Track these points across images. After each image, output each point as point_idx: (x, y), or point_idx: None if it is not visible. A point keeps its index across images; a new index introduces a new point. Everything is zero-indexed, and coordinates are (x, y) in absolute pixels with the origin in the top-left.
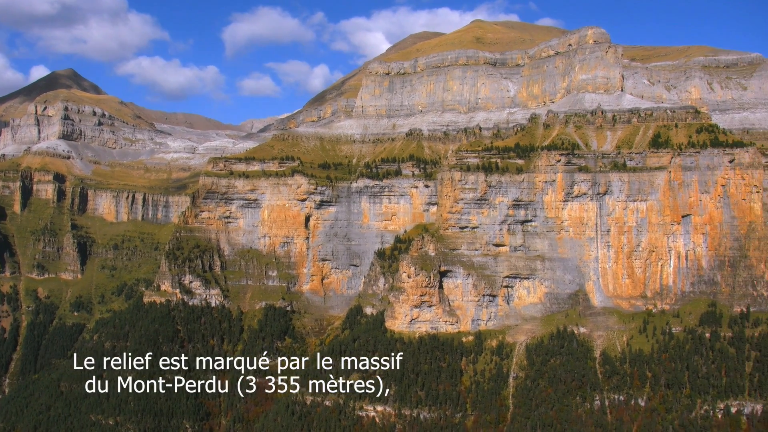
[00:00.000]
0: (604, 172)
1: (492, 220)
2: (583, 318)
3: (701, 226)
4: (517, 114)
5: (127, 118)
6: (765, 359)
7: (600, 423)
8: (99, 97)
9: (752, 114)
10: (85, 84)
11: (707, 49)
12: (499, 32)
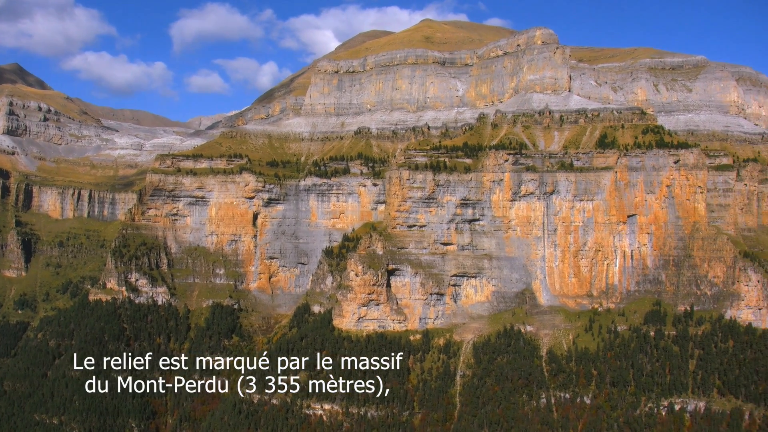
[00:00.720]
0: (551, 172)
1: (440, 219)
2: (530, 316)
3: (646, 226)
4: (465, 113)
5: (74, 114)
6: (708, 357)
7: (546, 421)
8: (45, 93)
9: (697, 116)
10: (31, 79)
11: (653, 52)
12: (448, 32)
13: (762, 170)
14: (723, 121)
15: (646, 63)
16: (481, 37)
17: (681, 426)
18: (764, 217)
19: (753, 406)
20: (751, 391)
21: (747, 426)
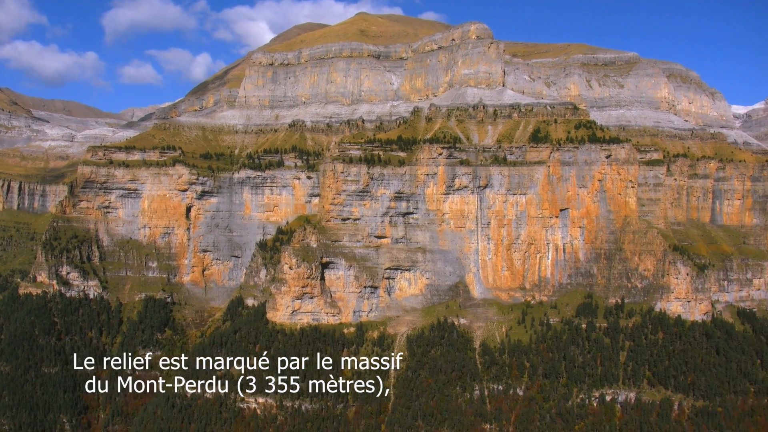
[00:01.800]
0: (484, 166)
1: (374, 212)
2: (463, 309)
3: (579, 220)
4: (400, 107)
5: (3, 104)
6: (638, 349)
7: (479, 412)
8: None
9: (628, 111)
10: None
11: (586, 48)
12: (383, 25)
13: (691, 165)
14: (654, 117)
15: (579, 59)
16: (416, 31)
17: (612, 416)
18: (693, 211)
19: (682, 397)
20: (680, 382)
21: (676, 416)
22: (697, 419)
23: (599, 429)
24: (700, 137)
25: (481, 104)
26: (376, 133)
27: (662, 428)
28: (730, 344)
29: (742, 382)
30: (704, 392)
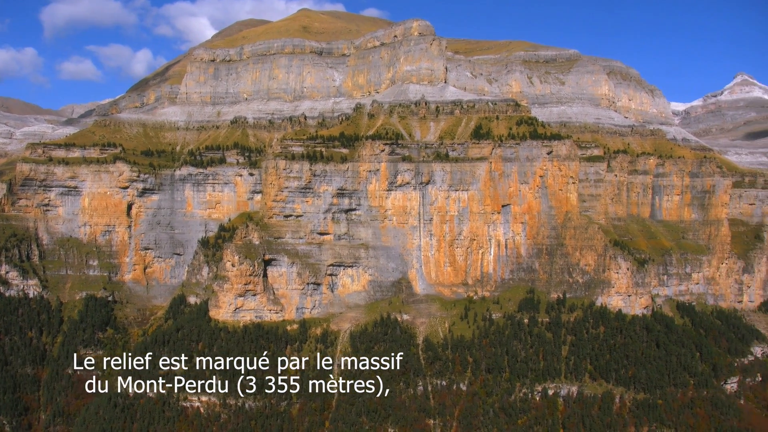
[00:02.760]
0: (427, 162)
1: (316, 209)
2: (406, 305)
3: (520, 216)
4: (342, 103)
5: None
6: (580, 343)
7: (423, 408)
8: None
9: (569, 108)
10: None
11: (528, 45)
12: (325, 22)
13: (631, 161)
14: (594, 114)
15: (520, 56)
16: (358, 28)
17: (554, 410)
18: (633, 206)
19: (623, 390)
20: (621, 376)
21: (617, 409)
22: (638, 412)
23: (542, 423)
24: (640, 134)
25: (424, 101)
26: (319, 129)
27: (604, 421)
28: (669, 338)
29: (681, 374)
30: (645, 385)
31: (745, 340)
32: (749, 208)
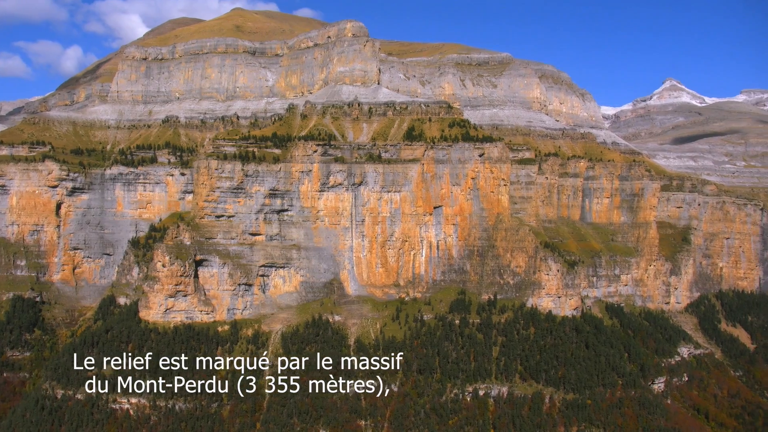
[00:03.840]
0: (359, 163)
1: (248, 209)
2: (338, 306)
3: (452, 217)
4: (275, 104)
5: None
6: (510, 344)
7: (354, 409)
8: None
9: (501, 111)
10: None
11: (461, 48)
12: (259, 21)
13: (562, 164)
14: (526, 117)
15: (453, 58)
16: (292, 28)
17: (485, 411)
18: (564, 209)
19: (553, 390)
20: (551, 376)
21: (547, 409)
22: (568, 412)
23: (473, 423)
24: (571, 137)
25: (357, 102)
26: (251, 129)
27: (534, 421)
28: (598, 338)
29: (610, 375)
30: (574, 385)
31: (672, 341)
32: (677, 211)
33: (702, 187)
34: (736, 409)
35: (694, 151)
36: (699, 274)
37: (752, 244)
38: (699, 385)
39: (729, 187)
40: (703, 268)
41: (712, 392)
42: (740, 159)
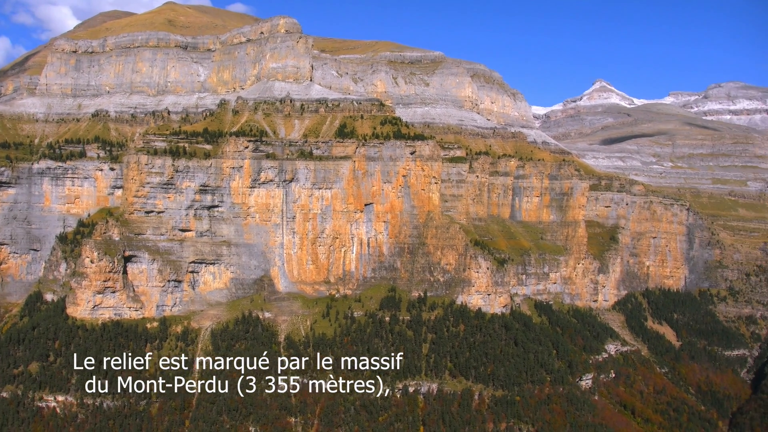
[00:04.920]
0: (291, 160)
1: (178, 205)
2: (268, 303)
3: (383, 215)
4: (206, 99)
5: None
6: (440, 341)
7: (284, 406)
8: None
9: (433, 109)
10: None
11: (393, 46)
12: (191, 16)
13: (492, 163)
14: (458, 115)
15: (386, 56)
16: (224, 23)
17: (415, 407)
18: (494, 207)
19: (482, 387)
20: (480, 373)
21: (476, 405)
22: (497, 408)
23: (402, 420)
24: (502, 136)
25: (289, 98)
26: (182, 125)
27: (463, 418)
28: (527, 335)
29: (539, 371)
30: (503, 382)
31: (600, 338)
32: (605, 211)
33: (630, 187)
34: (662, 405)
35: (622, 152)
36: (626, 273)
37: (678, 244)
38: (626, 382)
39: (656, 187)
40: (631, 266)
41: (638, 388)
42: (667, 160)
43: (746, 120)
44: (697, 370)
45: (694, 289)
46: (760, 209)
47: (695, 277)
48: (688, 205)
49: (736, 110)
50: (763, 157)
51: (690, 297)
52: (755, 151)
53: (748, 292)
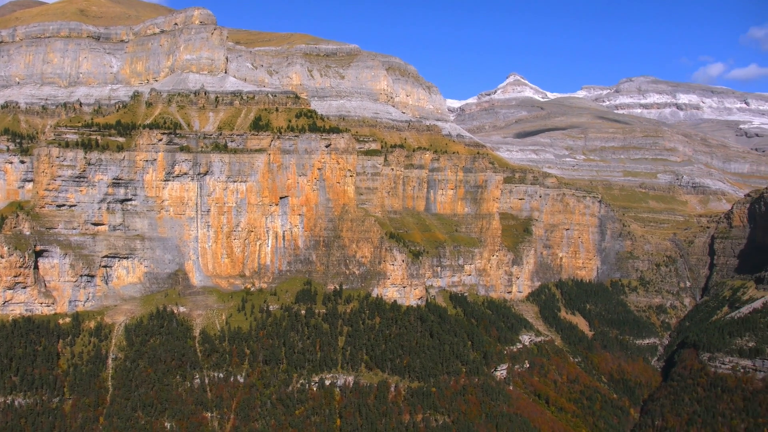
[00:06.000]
0: (205, 153)
1: (91, 199)
2: (183, 297)
3: (298, 208)
4: (119, 91)
5: None
6: (356, 334)
7: (200, 401)
8: None
9: (348, 102)
10: None
11: (309, 38)
12: (104, 6)
13: (408, 156)
14: (373, 108)
15: (301, 49)
16: (138, 14)
17: (331, 400)
18: (409, 200)
19: (398, 379)
20: (396, 365)
21: (393, 397)
22: (413, 399)
23: (319, 413)
24: (417, 129)
25: (203, 91)
26: (95, 117)
27: (379, 410)
28: (443, 327)
29: (454, 362)
30: (419, 374)
31: (514, 329)
32: (519, 203)
33: (543, 179)
34: (575, 393)
35: (536, 145)
36: (540, 264)
37: (590, 235)
38: (540, 372)
39: (569, 179)
40: (544, 258)
41: (552, 378)
42: (580, 153)
43: (656, 114)
44: (609, 359)
45: (606, 279)
46: (670, 201)
47: (607, 268)
48: (600, 197)
49: (647, 104)
50: (672, 150)
51: (602, 287)
52: (665, 144)
53: (658, 282)
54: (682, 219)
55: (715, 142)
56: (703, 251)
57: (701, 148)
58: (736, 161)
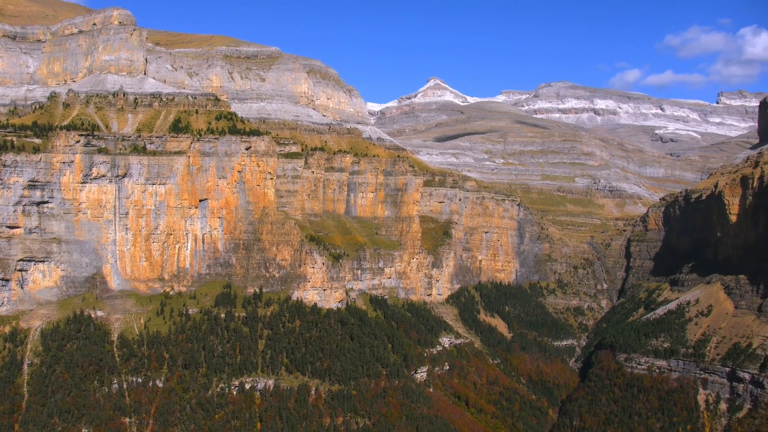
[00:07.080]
0: (124, 155)
1: (6, 201)
2: (100, 301)
3: (218, 210)
4: (36, 91)
5: None
6: (276, 337)
7: (118, 406)
8: None
9: (269, 104)
10: None
11: (230, 40)
12: (21, 5)
13: (328, 159)
14: (294, 111)
15: (222, 51)
16: (56, 13)
17: (251, 404)
18: (329, 203)
19: (318, 382)
20: (317, 368)
21: (313, 401)
22: (333, 402)
23: (239, 417)
24: (337, 132)
25: (122, 92)
26: (10, 117)
27: (300, 413)
28: (363, 330)
29: (375, 365)
30: (339, 376)
31: (434, 332)
32: (439, 206)
33: (463, 182)
34: (495, 395)
35: (456, 148)
36: (460, 267)
37: (509, 238)
38: (459, 374)
39: (488, 183)
40: (464, 261)
41: (472, 380)
42: (499, 156)
43: (574, 119)
44: (528, 361)
45: (525, 282)
46: (587, 204)
47: (526, 271)
48: (518, 200)
49: (565, 109)
50: (590, 154)
51: (521, 290)
52: (582, 148)
53: (575, 285)
54: (599, 222)
55: (632, 146)
56: (620, 254)
57: (618, 153)
58: (652, 166)
